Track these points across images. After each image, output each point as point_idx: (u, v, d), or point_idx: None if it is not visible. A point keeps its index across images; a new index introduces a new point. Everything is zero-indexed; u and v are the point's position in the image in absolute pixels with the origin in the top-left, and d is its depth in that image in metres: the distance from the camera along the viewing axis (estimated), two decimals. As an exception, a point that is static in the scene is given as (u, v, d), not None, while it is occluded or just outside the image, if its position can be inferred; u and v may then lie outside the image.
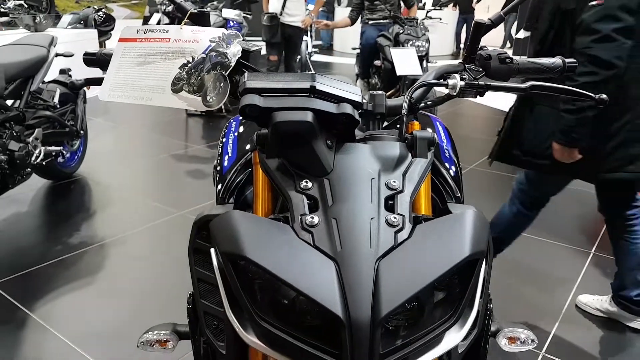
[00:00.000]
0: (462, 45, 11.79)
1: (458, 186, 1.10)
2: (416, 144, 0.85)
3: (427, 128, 1.21)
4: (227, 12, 5.80)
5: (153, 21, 6.07)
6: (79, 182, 3.57)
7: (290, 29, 4.95)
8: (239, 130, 1.24)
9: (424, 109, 1.07)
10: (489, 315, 0.97)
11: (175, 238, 2.78)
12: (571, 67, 1.09)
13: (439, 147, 1.15)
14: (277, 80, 0.79)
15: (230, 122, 1.29)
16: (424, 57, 4.75)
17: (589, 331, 2.12)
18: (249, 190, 1.06)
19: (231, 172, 1.10)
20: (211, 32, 0.99)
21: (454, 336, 0.73)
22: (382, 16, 5.12)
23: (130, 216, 3.08)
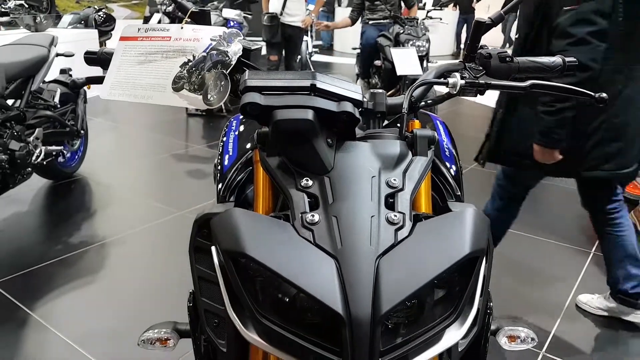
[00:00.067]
0: (462, 46, 11.79)
1: (458, 185, 1.10)
2: (416, 142, 0.85)
3: (428, 127, 1.21)
4: (228, 12, 5.80)
5: (153, 21, 6.09)
6: (80, 182, 3.57)
7: (290, 29, 4.95)
8: (239, 129, 1.24)
9: (424, 107, 1.07)
10: (489, 314, 0.97)
11: (176, 238, 2.78)
12: (571, 66, 1.09)
13: (439, 145, 1.15)
14: (277, 78, 0.79)
15: (231, 121, 1.29)
16: (424, 57, 4.76)
17: (589, 330, 2.12)
18: (250, 188, 1.06)
19: (232, 170, 1.10)
20: (212, 31, 0.99)
21: (454, 334, 0.73)
22: (383, 16, 5.13)
23: (130, 216, 3.09)
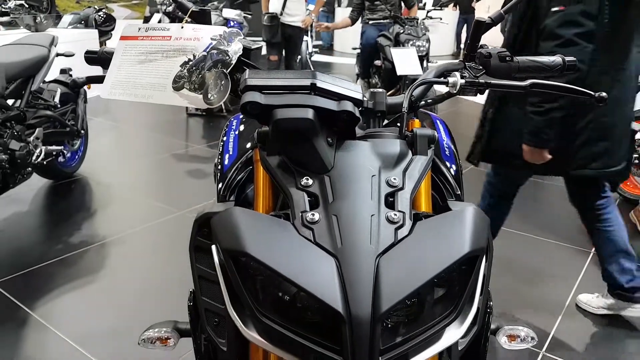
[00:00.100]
0: (462, 46, 11.78)
1: (458, 184, 1.10)
2: (416, 141, 0.85)
3: (427, 126, 1.21)
4: (228, 12, 5.80)
5: (154, 21, 6.09)
6: (80, 182, 3.57)
7: (290, 29, 4.95)
8: (239, 129, 1.24)
9: (424, 107, 1.07)
10: (489, 313, 0.97)
11: (176, 237, 2.78)
12: (571, 65, 1.09)
13: (439, 145, 1.15)
14: (278, 77, 0.79)
15: (231, 121, 1.29)
16: (424, 57, 4.76)
17: (588, 330, 2.12)
18: (250, 188, 1.06)
19: (232, 170, 1.10)
20: (212, 30, 0.99)
21: (453, 332, 0.73)
22: (383, 16, 5.13)
23: (130, 215, 3.09)
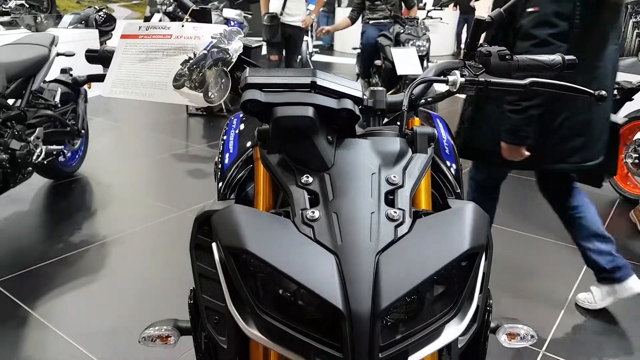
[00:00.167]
0: (462, 46, 11.77)
1: (458, 183, 1.10)
2: (416, 139, 0.86)
3: (428, 125, 1.21)
4: (228, 12, 5.81)
5: (154, 21, 6.07)
6: (80, 181, 3.58)
7: (290, 29, 4.95)
8: (239, 128, 1.24)
9: (424, 105, 1.07)
10: (489, 311, 0.97)
11: (176, 237, 2.78)
12: (571, 64, 1.09)
13: (439, 143, 1.16)
14: (278, 75, 0.79)
15: (231, 120, 1.29)
16: (424, 56, 4.77)
17: (589, 329, 2.12)
18: (250, 186, 1.06)
19: (232, 168, 1.10)
20: (212, 29, 0.99)
21: (453, 329, 0.73)
22: (383, 16, 5.14)
23: (131, 215, 3.09)
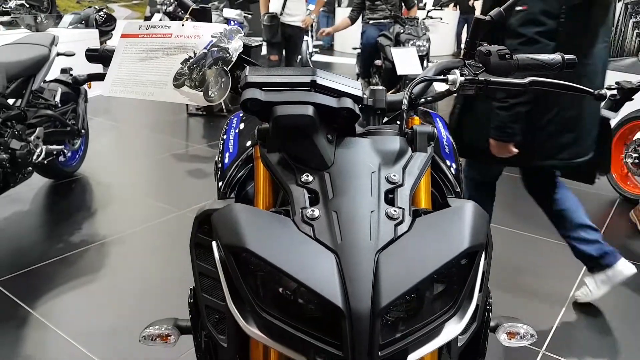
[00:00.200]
0: (462, 45, 11.77)
1: (458, 182, 1.10)
2: (416, 138, 0.86)
3: (427, 124, 1.21)
4: (228, 12, 5.81)
5: (154, 21, 6.07)
6: (80, 181, 3.58)
7: (290, 29, 4.95)
8: (239, 127, 1.24)
9: (423, 104, 1.08)
10: (489, 310, 0.97)
11: (176, 237, 2.78)
12: (571, 63, 1.09)
13: (439, 142, 1.16)
14: (278, 74, 0.80)
15: (231, 119, 1.29)
16: (424, 56, 4.77)
17: (589, 329, 2.12)
18: (250, 185, 1.07)
19: (232, 167, 1.11)
20: (213, 28, 1.00)
21: (453, 328, 0.73)
22: (383, 16, 5.14)
23: (131, 215, 3.09)
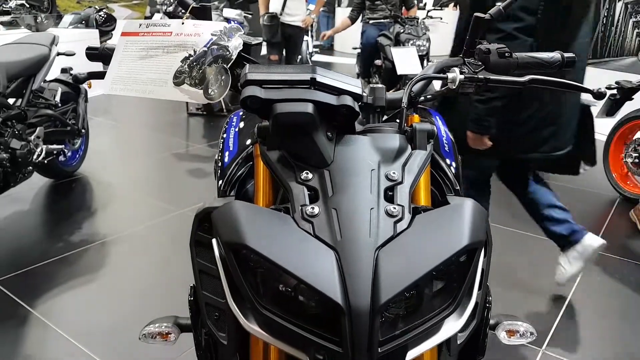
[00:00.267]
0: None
1: (457, 180, 1.10)
2: (416, 136, 0.86)
3: (427, 122, 1.21)
4: (228, 12, 5.81)
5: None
6: (80, 181, 3.58)
7: (290, 29, 4.95)
8: (239, 126, 1.24)
9: (423, 102, 1.08)
10: (488, 308, 0.97)
11: (177, 236, 2.78)
12: (570, 61, 1.10)
13: (438, 141, 1.16)
14: (278, 72, 0.80)
15: (231, 118, 1.30)
16: (424, 56, 4.78)
17: (588, 328, 2.12)
18: (250, 183, 1.07)
19: (232, 166, 1.11)
20: (213, 26, 1.00)
21: (452, 324, 0.73)
22: (383, 15, 5.14)
23: (131, 214, 3.09)
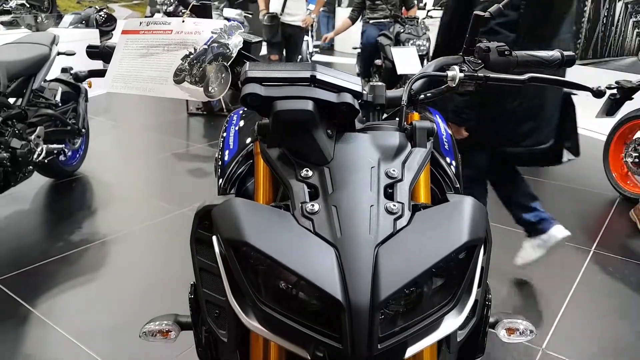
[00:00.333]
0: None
1: (457, 178, 1.11)
2: (415, 133, 0.86)
3: (427, 120, 1.22)
4: (228, 12, 5.80)
5: (154, 20, 6.06)
6: (81, 180, 3.58)
7: (290, 29, 4.95)
8: (239, 124, 1.24)
9: (423, 101, 1.08)
10: (488, 306, 0.98)
11: (177, 235, 2.79)
12: (569, 59, 1.10)
13: (438, 139, 1.16)
14: (278, 69, 0.80)
15: (231, 116, 1.30)
16: (424, 56, 4.78)
17: (588, 327, 2.13)
18: (250, 181, 1.07)
19: (232, 164, 1.11)
20: (213, 24, 1.00)
21: (452, 321, 0.73)
22: (383, 15, 5.15)
23: (131, 214, 3.09)
